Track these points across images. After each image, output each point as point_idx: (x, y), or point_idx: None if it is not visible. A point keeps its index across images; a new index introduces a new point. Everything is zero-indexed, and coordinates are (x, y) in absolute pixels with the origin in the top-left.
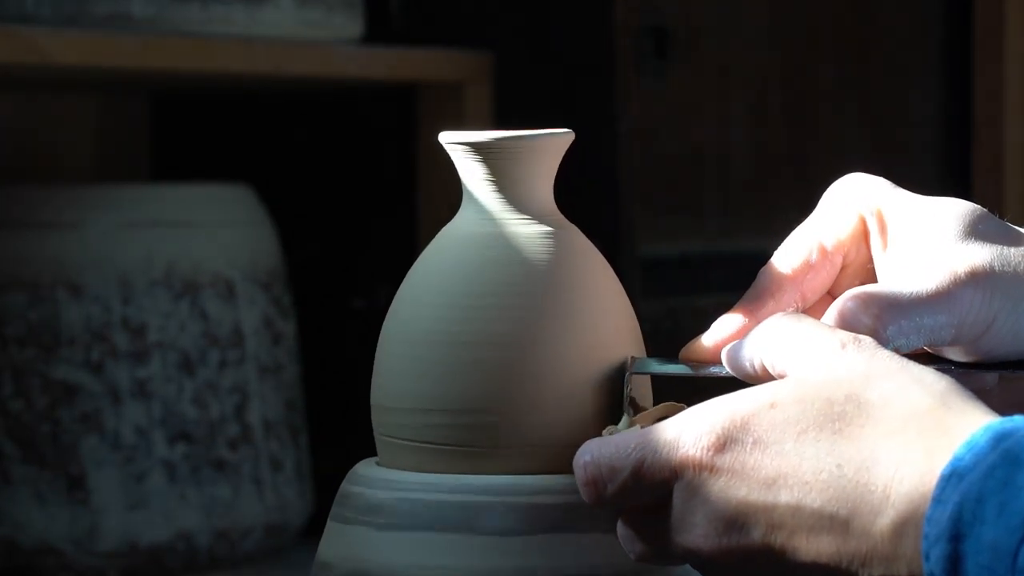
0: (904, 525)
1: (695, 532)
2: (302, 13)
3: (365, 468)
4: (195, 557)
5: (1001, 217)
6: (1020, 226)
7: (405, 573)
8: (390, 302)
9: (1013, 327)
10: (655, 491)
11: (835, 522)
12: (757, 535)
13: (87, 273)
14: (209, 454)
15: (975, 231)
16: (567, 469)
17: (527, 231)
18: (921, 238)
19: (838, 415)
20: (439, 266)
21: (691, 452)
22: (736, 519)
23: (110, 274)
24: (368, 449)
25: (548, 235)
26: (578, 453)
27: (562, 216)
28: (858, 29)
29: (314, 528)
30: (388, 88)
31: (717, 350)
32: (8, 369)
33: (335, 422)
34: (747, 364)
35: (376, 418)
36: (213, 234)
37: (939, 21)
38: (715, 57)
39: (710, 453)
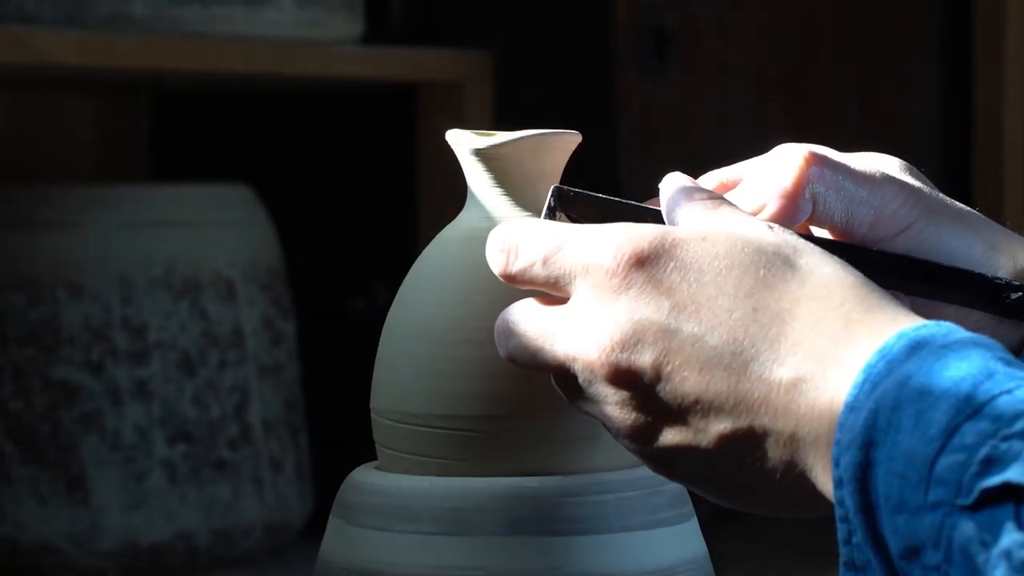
0: (803, 381)
1: (586, 338)
2: (302, 13)
3: (364, 471)
4: (195, 557)
5: (1001, 217)
6: (1021, 227)
7: (405, 573)
8: (390, 302)
9: (930, 240)
10: (559, 282)
11: (735, 361)
12: (649, 356)
13: (87, 273)
14: (209, 454)
15: (909, 169)
16: (565, 471)
17: None
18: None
19: (766, 263)
20: (440, 266)
21: (607, 256)
22: (634, 335)
23: (110, 274)
24: (368, 449)
25: None
26: (505, 225)
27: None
28: (858, 29)
29: (314, 528)
30: (388, 88)
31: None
32: (8, 369)
33: (335, 422)
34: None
35: (375, 421)
36: (213, 234)
37: (939, 21)
38: (715, 57)
39: (627, 264)
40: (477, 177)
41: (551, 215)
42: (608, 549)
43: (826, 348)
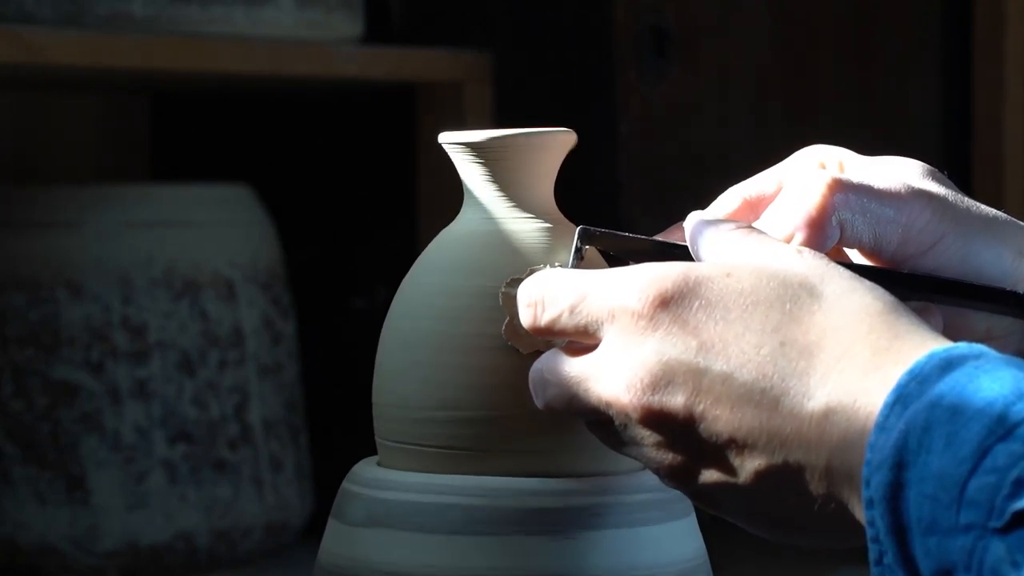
0: (834, 413)
1: (618, 382)
2: (302, 13)
3: (365, 468)
4: (195, 557)
5: None
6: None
7: (404, 572)
8: (390, 302)
9: (959, 253)
10: (587, 329)
11: (765, 397)
12: (681, 398)
13: (87, 273)
14: (209, 454)
15: (932, 174)
16: (565, 472)
17: (526, 228)
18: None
19: (791, 297)
20: (439, 266)
21: (632, 299)
22: (663, 376)
23: (110, 274)
24: (368, 449)
25: (547, 233)
26: (531, 278)
27: (561, 215)
28: (858, 29)
29: (314, 528)
30: (388, 88)
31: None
32: (8, 369)
33: (335, 422)
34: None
35: (376, 418)
36: (213, 234)
37: (939, 21)
38: (715, 57)
39: (652, 305)
40: (473, 177)
41: (578, 255)
42: (606, 548)
43: (855, 378)
